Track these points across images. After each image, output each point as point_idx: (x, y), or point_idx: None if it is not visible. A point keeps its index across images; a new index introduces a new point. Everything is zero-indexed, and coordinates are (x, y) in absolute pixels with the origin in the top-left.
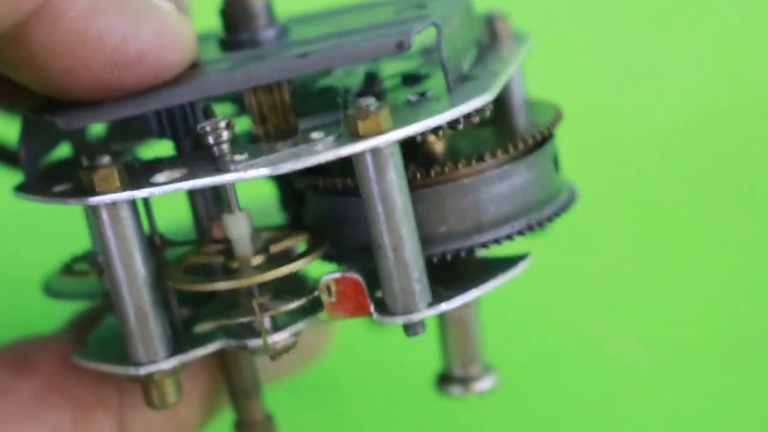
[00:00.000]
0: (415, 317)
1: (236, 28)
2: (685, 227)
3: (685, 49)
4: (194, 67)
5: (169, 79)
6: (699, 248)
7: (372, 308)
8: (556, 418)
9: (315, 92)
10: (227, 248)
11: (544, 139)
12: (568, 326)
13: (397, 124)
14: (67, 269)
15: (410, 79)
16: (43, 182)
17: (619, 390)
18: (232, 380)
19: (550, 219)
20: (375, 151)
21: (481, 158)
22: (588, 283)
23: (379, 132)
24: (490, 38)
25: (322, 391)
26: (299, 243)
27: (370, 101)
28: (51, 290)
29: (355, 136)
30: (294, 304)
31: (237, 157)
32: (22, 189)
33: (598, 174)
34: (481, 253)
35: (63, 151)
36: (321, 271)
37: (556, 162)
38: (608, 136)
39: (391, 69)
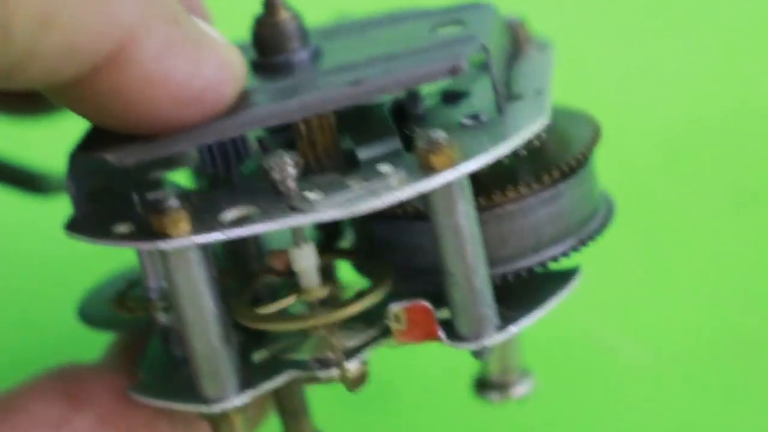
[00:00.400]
0: (487, 342)
1: (270, 51)
2: (686, 229)
3: (685, 53)
4: (241, 96)
5: None
6: (699, 250)
7: (442, 334)
8: (556, 417)
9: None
10: (291, 280)
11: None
12: (568, 326)
13: (467, 154)
14: (119, 303)
15: (450, 97)
16: (94, 220)
17: (618, 389)
18: (281, 400)
19: (598, 231)
20: (448, 184)
21: (539, 179)
22: (588, 283)
23: (453, 165)
24: (513, 46)
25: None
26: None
27: (440, 134)
28: (88, 318)
29: (429, 170)
30: (368, 336)
31: (310, 195)
32: (76, 229)
33: (599, 176)
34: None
35: None
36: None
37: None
38: (608, 138)
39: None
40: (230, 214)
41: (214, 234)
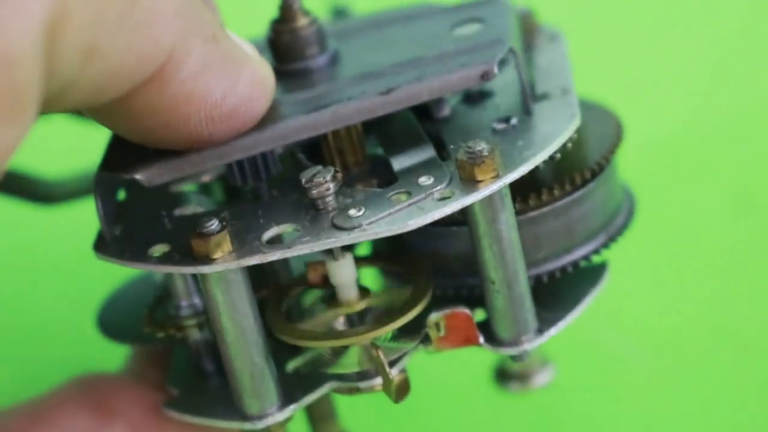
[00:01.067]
0: (528, 346)
1: (288, 58)
2: (686, 230)
3: (685, 55)
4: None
5: None
6: (699, 250)
7: (482, 340)
8: (556, 416)
9: None
10: (326, 292)
11: None
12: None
13: (508, 164)
14: (150, 320)
15: (474, 98)
16: (124, 241)
17: (618, 389)
18: (311, 405)
19: (625, 226)
20: (490, 195)
21: (572, 180)
22: None
23: (497, 177)
24: (524, 37)
25: None
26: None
27: (482, 145)
28: (108, 329)
29: (472, 183)
30: (410, 347)
31: (353, 213)
32: (107, 252)
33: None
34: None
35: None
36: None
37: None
38: None
39: None
40: (270, 233)
41: (256, 257)
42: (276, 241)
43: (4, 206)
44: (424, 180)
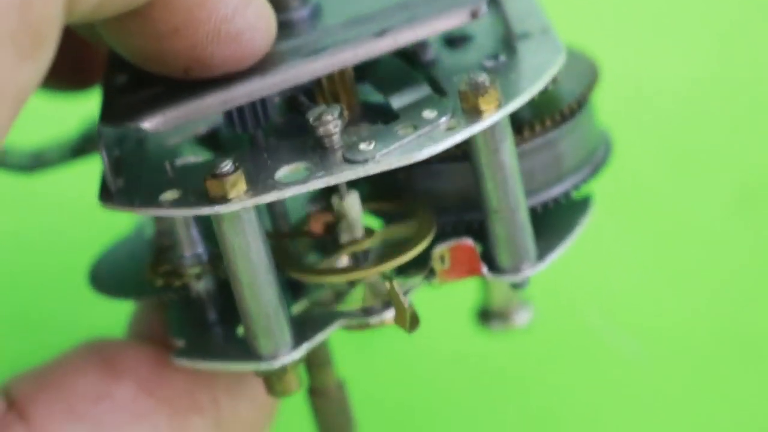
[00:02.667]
0: (529, 273)
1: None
2: (685, 226)
3: (684, 46)
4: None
5: (246, 70)
6: (698, 247)
7: (485, 269)
8: (555, 414)
9: None
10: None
11: None
12: (566, 323)
13: (507, 94)
14: (153, 272)
15: (454, 42)
16: (131, 191)
17: (617, 387)
18: (308, 353)
19: (606, 158)
20: (494, 124)
21: (561, 113)
22: (587, 282)
23: (499, 106)
24: None
25: None
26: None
27: (483, 76)
28: (100, 285)
29: (476, 113)
30: (416, 281)
31: (364, 147)
32: (115, 201)
33: None
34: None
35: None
36: None
37: None
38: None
39: None
40: (282, 172)
41: (272, 193)
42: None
43: None
44: (428, 113)
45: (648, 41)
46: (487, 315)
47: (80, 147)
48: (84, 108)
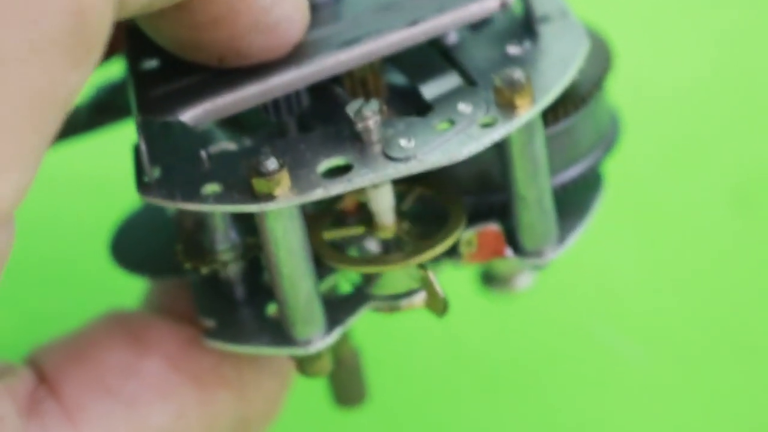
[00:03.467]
0: (552, 255)
1: None
2: (684, 227)
3: (682, 41)
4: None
5: (281, 60)
6: (698, 248)
7: (509, 253)
8: (555, 415)
9: None
10: (365, 217)
11: None
12: (566, 324)
13: (540, 88)
14: (184, 256)
15: (474, 24)
16: (170, 183)
17: (617, 388)
18: None
19: (616, 138)
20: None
21: (582, 98)
22: (587, 283)
23: (533, 102)
24: None
25: None
26: None
27: (518, 73)
28: (122, 259)
29: (511, 108)
30: (447, 264)
31: (404, 143)
32: (156, 194)
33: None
34: None
35: None
36: None
37: None
38: None
39: None
40: (323, 167)
41: (318, 191)
42: (330, 175)
43: None
44: (464, 108)
45: (647, 40)
46: (489, 278)
47: (93, 119)
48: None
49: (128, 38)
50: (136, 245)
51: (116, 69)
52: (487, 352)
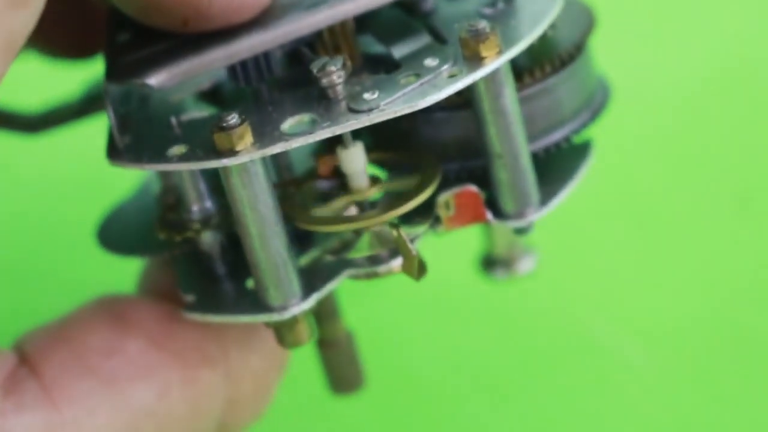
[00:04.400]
0: (533, 217)
1: None
2: (685, 227)
3: (683, 43)
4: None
5: (248, 24)
6: (698, 248)
7: (489, 215)
8: (555, 416)
9: None
10: (341, 182)
11: None
12: (566, 324)
13: (508, 40)
14: (160, 227)
15: None
16: (138, 148)
17: (617, 388)
18: (317, 305)
19: (604, 104)
20: (496, 70)
21: (561, 59)
22: (587, 282)
23: (500, 52)
24: None
25: None
26: None
27: (483, 23)
28: (108, 243)
29: (477, 59)
30: (422, 229)
31: (368, 96)
32: (123, 159)
33: (596, 172)
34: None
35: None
36: None
37: None
38: (606, 135)
39: None
40: (287, 123)
41: (279, 144)
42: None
43: None
44: (430, 62)
45: (647, 42)
46: (490, 263)
47: (84, 107)
48: (86, 71)
49: (108, 20)
50: (122, 229)
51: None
52: (487, 351)
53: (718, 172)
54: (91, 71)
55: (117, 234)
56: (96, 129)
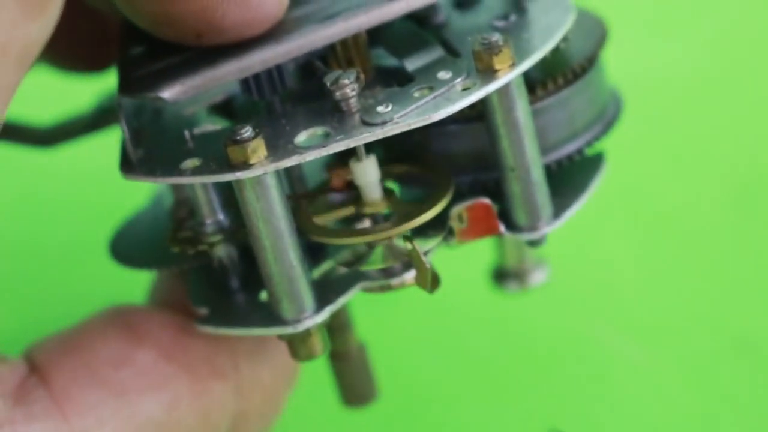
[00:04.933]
0: (546, 230)
1: None
2: (685, 228)
3: (681, 38)
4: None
5: (261, 38)
6: (699, 248)
7: (502, 228)
8: (555, 415)
9: None
10: (354, 195)
11: None
12: (567, 325)
13: (521, 52)
14: (173, 240)
15: (462, 4)
16: (151, 161)
17: (618, 389)
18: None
19: (617, 115)
20: (508, 83)
21: (573, 71)
22: (588, 283)
23: (513, 65)
24: None
25: None
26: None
27: (497, 36)
28: (121, 256)
29: (491, 72)
30: (435, 242)
31: (381, 109)
32: (137, 172)
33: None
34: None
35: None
36: None
37: None
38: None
39: None
40: (301, 137)
41: (293, 157)
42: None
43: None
44: (443, 74)
45: (646, 37)
46: (502, 275)
47: (96, 121)
48: (98, 84)
49: (120, 33)
50: (134, 242)
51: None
52: (487, 351)
53: (717, 172)
54: (103, 84)
55: (129, 247)
56: (107, 141)
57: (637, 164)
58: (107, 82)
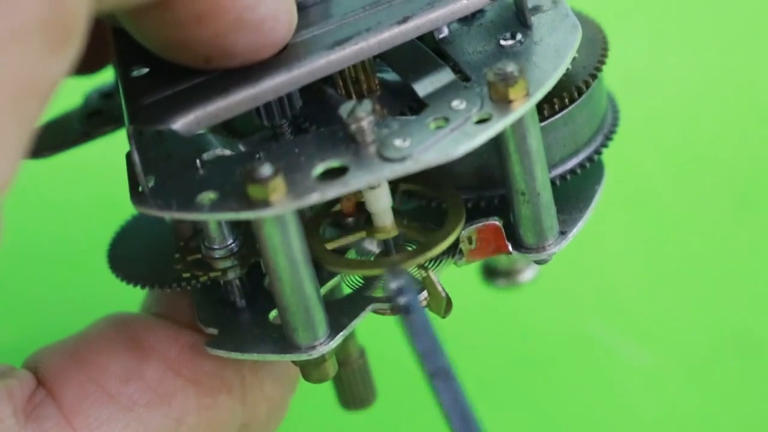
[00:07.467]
0: (554, 250)
1: None
2: (686, 228)
3: (686, 52)
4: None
5: (272, 63)
6: (699, 249)
7: (510, 248)
8: (556, 418)
9: None
10: (364, 218)
11: None
12: (568, 326)
13: (534, 81)
14: (182, 263)
15: (465, 17)
16: (165, 193)
17: (618, 389)
18: None
19: (615, 124)
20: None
21: (578, 88)
22: (588, 283)
23: (527, 95)
24: None
25: None
26: None
27: (511, 67)
28: (119, 269)
29: (505, 102)
30: (449, 262)
31: (399, 144)
32: (151, 205)
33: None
34: None
35: None
36: None
37: None
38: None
39: None
40: (318, 171)
41: (314, 195)
42: (325, 178)
43: None
44: (457, 104)
45: (648, 40)
46: (492, 272)
47: (87, 127)
48: (88, 84)
49: (117, 47)
50: (134, 255)
51: (103, 76)
52: (487, 351)
53: (718, 173)
54: (91, 83)
55: (130, 260)
56: (105, 147)
57: (638, 165)
58: (91, 82)
